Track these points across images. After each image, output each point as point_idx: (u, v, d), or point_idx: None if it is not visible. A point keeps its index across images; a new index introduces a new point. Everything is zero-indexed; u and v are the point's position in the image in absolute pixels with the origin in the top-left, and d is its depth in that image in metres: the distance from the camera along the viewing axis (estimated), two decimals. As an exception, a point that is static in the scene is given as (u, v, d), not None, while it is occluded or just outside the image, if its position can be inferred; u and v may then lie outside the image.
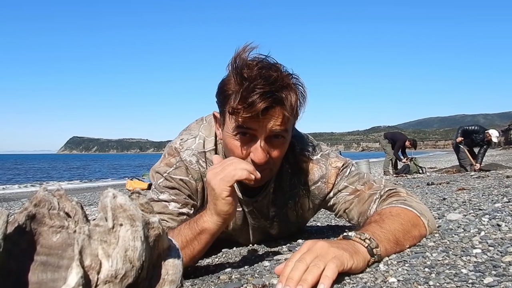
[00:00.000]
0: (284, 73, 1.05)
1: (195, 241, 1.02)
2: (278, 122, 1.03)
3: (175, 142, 1.25)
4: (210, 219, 1.00)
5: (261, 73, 1.01)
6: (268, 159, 1.08)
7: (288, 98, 1.02)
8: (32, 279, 0.46)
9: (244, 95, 0.99)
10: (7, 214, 0.45)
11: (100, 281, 0.47)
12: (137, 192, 0.56)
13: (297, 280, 0.77)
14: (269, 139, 1.06)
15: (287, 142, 1.12)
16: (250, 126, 1.03)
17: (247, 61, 1.03)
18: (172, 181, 1.19)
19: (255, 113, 0.99)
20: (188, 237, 1.02)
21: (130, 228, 0.50)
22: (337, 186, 1.24)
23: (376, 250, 0.89)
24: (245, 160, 1.07)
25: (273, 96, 1.00)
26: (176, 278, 0.56)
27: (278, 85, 1.01)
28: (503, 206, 1.49)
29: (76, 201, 0.53)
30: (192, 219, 1.06)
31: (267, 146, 1.07)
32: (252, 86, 0.99)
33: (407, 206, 1.06)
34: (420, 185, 3.83)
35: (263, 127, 1.03)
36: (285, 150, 1.13)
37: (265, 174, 1.13)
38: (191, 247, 1.03)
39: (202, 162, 1.22)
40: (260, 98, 0.98)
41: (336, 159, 1.26)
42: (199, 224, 1.02)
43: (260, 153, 1.05)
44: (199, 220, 1.03)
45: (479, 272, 0.79)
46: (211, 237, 1.02)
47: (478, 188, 2.64)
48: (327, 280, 0.77)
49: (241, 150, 1.07)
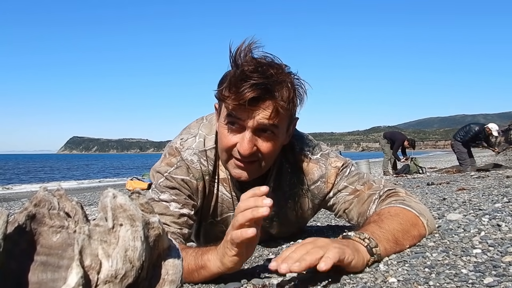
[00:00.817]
0: (285, 72, 1.06)
1: (195, 273, 0.99)
2: (267, 115, 1.03)
3: (176, 142, 1.25)
4: (214, 262, 0.95)
5: (259, 68, 1.02)
6: (255, 152, 1.08)
7: (280, 92, 1.03)
8: (32, 279, 0.46)
9: (236, 83, 1.01)
10: (7, 214, 0.45)
11: (100, 281, 0.47)
12: (137, 192, 0.56)
13: (296, 259, 0.77)
14: (258, 132, 1.07)
15: (278, 139, 1.11)
16: (238, 116, 1.04)
17: (248, 54, 1.04)
18: (173, 181, 1.18)
19: (242, 101, 1.00)
20: (190, 266, 0.99)
21: (130, 228, 0.50)
22: (337, 186, 1.24)
23: (375, 250, 0.89)
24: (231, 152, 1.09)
25: (264, 87, 1.00)
26: (176, 278, 0.56)
27: (273, 80, 1.02)
28: (503, 206, 1.49)
29: (76, 201, 0.53)
30: (200, 250, 1.01)
31: (255, 139, 1.07)
32: (246, 76, 1.00)
33: (406, 206, 1.06)
34: (420, 185, 3.83)
35: (251, 118, 1.03)
36: (276, 147, 1.12)
37: (253, 168, 1.12)
38: (191, 276, 1.00)
39: (203, 161, 1.22)
40: (250, 88, 0.99)
41: (335, 159, 1.26)
42: (203, 259, 0.97)
43: (246, 144, 1.05)
44: (205, 255, 0.98)
45: (479, 272, 0.79)
46: (211, 276, 0.98)
47: (478, 188, 2.64)
48: (328, 260, 0.76)
49: (227, 138, 1.09)
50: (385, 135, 9.72)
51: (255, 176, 1.16)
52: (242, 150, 1.06)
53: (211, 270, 0.96)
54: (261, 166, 1.14)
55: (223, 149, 1.13)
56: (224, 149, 1.12)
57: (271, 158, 1.14)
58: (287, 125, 1.14)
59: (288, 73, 1.07)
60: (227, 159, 1.14)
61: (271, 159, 1.15)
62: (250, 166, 1.11)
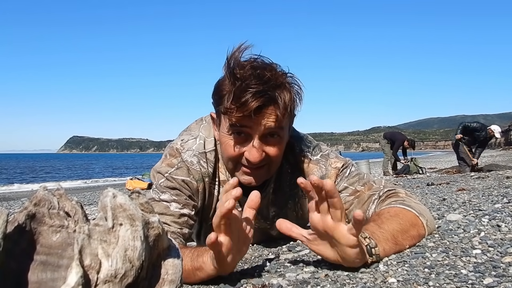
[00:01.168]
0: (279, 73, 1.06)
1: (191, 274, 0.98)
2: (272, 121, 1.03)
3: (176, 143, 1.26)
4: (211, 263, 0.94)
5: (254, 73, 1.02)
6: (265, 158, 1.08)
7: (281, 96, 1.03)
8: (32, 278, 0.46)
9: (237, 94, 1.00)
10: (7, 214, 0.45)
11: (99, 280, 0.47)
12: (137, 192, 0.56)
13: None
14: (264, 138, 1.07)
15: (283, 141, 1.12)
16: (244, 124, 1.04)
17: (240, 61, 1.04)
18: (173, 182, 1.18)
19: (247, 112, 1.00)
20: (187, 267, 0.97)
21: (130, 227, 0.50)
22: (337, 187, 1.23)
23: (374, 250, 0.89)
24: (240, 161, 1.09)
25: (266, 95, 1.00)
26: (176, 278, 0.56)
27: (272, 84, 1.02)
28: (503, 206, 1.49)
29: (76, 200, 0.53)
30: (196, 251, 1.00)
31: (263, 145, 1.07)
32: (244, 85, 1.00)
33: (405, 206, 1.06)
34: (420, 186, 3.83)
35: (257, 125, 1.03)
36: (282, 149, 1.13)
37: (262, 173, 1.13)
38: (187, 277, 0.99)
39: (203, 163, 1.22)
40: (253, 97, 0.99)
41: (335, 159, 1.26)
42: (199, 261, 0.96)
43: (255, 152, 1.05)
44: (201, 256, 0.97)
45: (479, 272, 0.79)
46: (207, 277, 0.97)
47: (478, 188, 2.64)
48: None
49: (234, 149, 1.08)
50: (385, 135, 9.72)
51: (263, 180, 1.17)
52: (253, 159, 1.06)
53: (207, 271, 0.95)
54: (269, 170, 1.15)
55: (230, 159, 1.12)
56: (231, 159, 1.12)
57: (278, 160, 1.15)
58: (289, 125, 1.15)
59: (282, 73, 1.07)
60: (234, 168, 1.14)
61: (278, 161, 1.16)
62: (259, 171, 1.11)
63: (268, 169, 1.14)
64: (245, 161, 1.09)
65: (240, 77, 1.01)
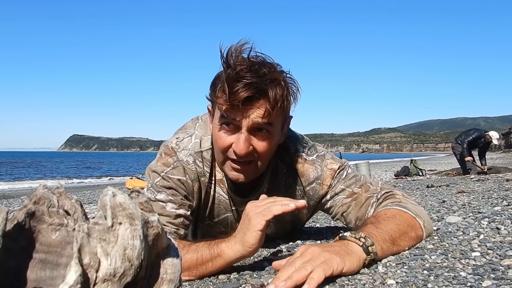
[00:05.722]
0: (277, 71, 1.07)
1: (209, 262, 1.00)
2: (261, 114, 1.03)
3: (171, 142, 1.24)
4: (232, 247, 0.98)
5: (252, 67, 1.02)
6: (252, 152, 1.08)
7: (273, 91, 1.03)
8: (31, 276, 0.46)
9: (229, 83, 1.01)
10: (6, 212, 0.45)
11: (98, 279, 0.47)
12: (136, 191, 0.56)
13: (283, 279, 0.78)
14: (253, 131, 1.07)
15: (273, 138, 1.11)
16: (232, 116, 1.04)
17: (241, 55, 1.05)
18: (169, 181, 1.18)
19: (236, 102, 1.00)
20: (204, 257, 1.00)
21: (129, 226, 0.50)
22: (334, 189, 1.23)
23: (371, 248, 0.89)
24: (228, 154, 1.10)
25: (258, 87, 1.01)
26: (175, 278, 0.56)
27: (266, 79, 1.02)
28: (503, 209, 1.49)
29: (76, 199, 0.53)
30: (213, 241, 1.03)
31: (251, 138, 1.07)
32: (238, 76, 1.01)
33: (402, 207, 1.06)
34: (419, 188, 3.83)
35: (245, 117, 1.03)
36: (272, 146, 1.12)
37: (250, 169, 1.12)
38: (204, 267, 1.01)
39: (199, 162, 1.21)
40: (244, 88, 1.00)
41: (331, 160, 1.26)
42: (219, 247, 1.00)
43: (242, 144, 1.05)
44: (220, 244, 1.00)
45: (478, 275, 0.79)
46: (226, 264, 1.00)
47: (477, 191, 2.64)
48: (312, 281, 0.77)
49: (222, 139, 1.09)
50: None
51: (252, 177, 1.16)
52: (238, 150, 1.06)
53: (228, 255, 0.98)
54: (257, 167, 1.14)
55: (219, 150, 1.13)
56: (220, 150, 1.12)
57: (267, 157, 1.14)
58: (282, 124, 1.14)
59: (280, 71, 1.08)
60: (223, 161, 1.14)
61: (267, 158, 1.15)
62: (247, 167, 1.11)
63: (256, 166, 1.13)
64: (232, 153, 1.09)
65: (235, 67, 1.02)
